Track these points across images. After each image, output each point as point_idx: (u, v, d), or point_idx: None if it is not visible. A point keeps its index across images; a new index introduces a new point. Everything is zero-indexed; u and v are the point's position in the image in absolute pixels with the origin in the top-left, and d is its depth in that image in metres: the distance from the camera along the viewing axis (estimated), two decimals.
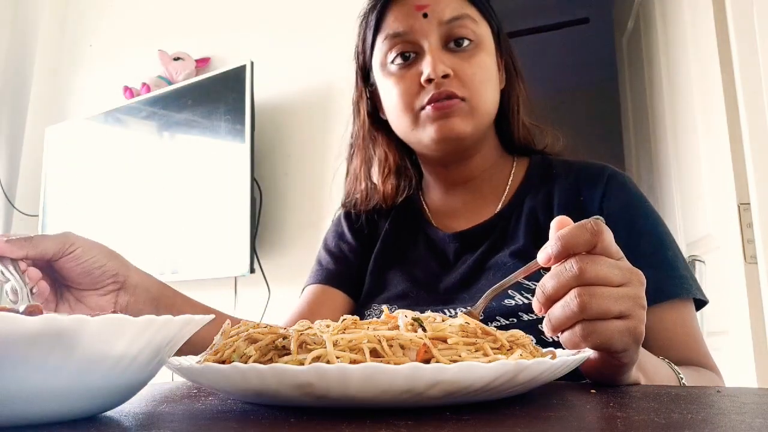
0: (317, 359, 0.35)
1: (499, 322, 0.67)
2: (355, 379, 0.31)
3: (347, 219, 0.90)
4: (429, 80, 0.72)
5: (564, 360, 0.38)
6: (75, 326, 0.29)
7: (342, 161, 0.91)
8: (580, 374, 0.47)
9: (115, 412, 0.36)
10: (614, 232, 0.44)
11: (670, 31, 1.81)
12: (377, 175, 0.87)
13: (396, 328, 0.40)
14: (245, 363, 0.34)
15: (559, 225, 0.44)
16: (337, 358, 0.35)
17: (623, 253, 0.45)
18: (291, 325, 0.51)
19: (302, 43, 2.03)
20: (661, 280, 0.66)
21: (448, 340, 0.38)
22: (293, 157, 1.99)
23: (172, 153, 2.09)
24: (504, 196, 0.81)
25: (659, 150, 1.98)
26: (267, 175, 1.99)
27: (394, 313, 0.43)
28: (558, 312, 0.42)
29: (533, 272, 0.47)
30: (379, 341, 0.36)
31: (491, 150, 0.83)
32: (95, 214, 2.23)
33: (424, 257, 0.81)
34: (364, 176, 0.87)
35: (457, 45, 0.74)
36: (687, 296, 0.67)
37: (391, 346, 0.36)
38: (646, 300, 0.44)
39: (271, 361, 0.37)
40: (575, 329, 0.42)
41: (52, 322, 0.28)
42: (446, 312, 0.69)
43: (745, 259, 1.32)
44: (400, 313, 0.41)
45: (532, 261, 0.46)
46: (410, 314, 0.41)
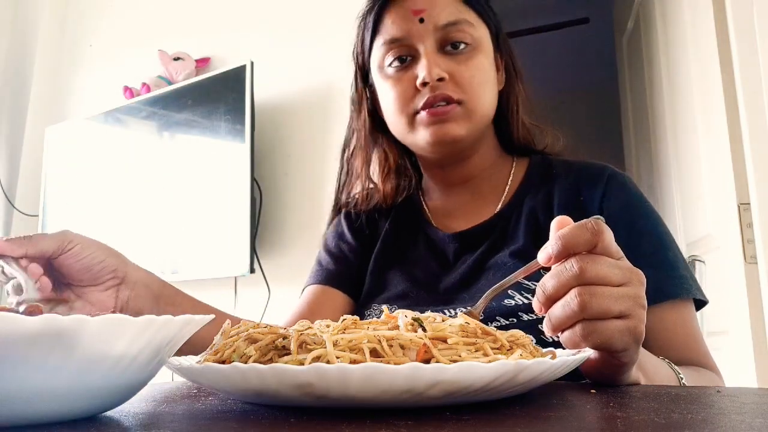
0: (317, 359, 0.35)
1: (499, 322, 0.67)
2: (355, 379, 0.31)
3: (347, 219, 0.90)
4: (424, 84, 0.72)
5: (564, 360, 0.38)
6: (75, 326, 0.29)
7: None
8: (580, 374, 0.47)
9: (115, 412, 0.36)
10: (614, 232, 0.44)
11: (670, 31, 1.81)
12: (377, 174, 0.87)
13: (396, 328, 0.40)
14: (245, 363, 0.34)
15: (559, 225, 0.45)
16: (337, 358, 0.35)
17: (623, 253, 0.45)
18: (291, 325, 0.51)
19: (302, 43, 2.03)
20: (661, 280, 0.66)
21: (448, 340, 0.38)
22: (293, 157, 1.99)
23: (172, 153, 2.09)
24: (504, 196, 0.81)
25: (659, 150, 1.98)
26: (267, 175, 1.99)
27: (394, 313, 0.43)
28: (558, 311, 0.42)
29: (533, 272, 0.47)
30: (379, 341, 0.36)
31: (490, 150, 0.83)
32: (95, 214, 2.23)
33: (424, 257, 0.81)
34: (365, 176, 0.87)
35: (453, 48, 0.74)
36: (687, 296, 0.67)
37: (391, 346, 0.36)
38: (646, 300, 0.44)
39: (271, 361, 0.37)
40: (575, 329, 0.42)
41: (52, 322, 0.28)
42: (446, 312, 0.69)
43: (745, 259, 1.32)
44: (400, 313, 0.41)
45: (532, 261, 0.46)
46: (410, 314, 0.41)
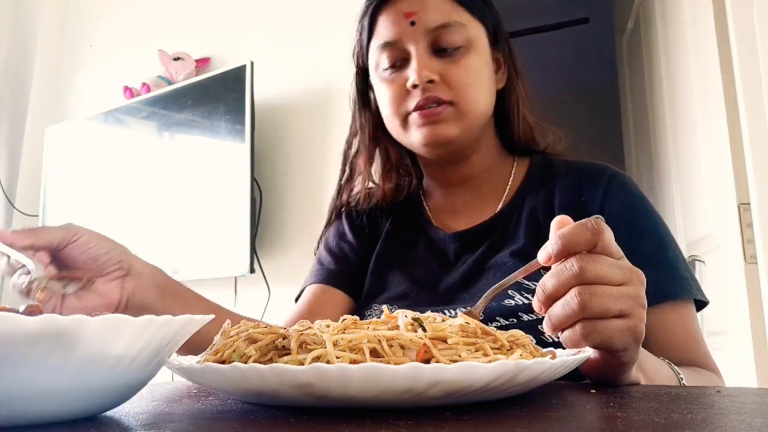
0: (317, 359, 0.35)
1: (499, 323, 0.67)
2: (355, 379, 0.31)
3: (348, 218, 0.90)
4: (414, 86, 0.73)
5: (564, 360, 0.38)
6: (75, 326, 0.29)
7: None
8: (580, 374, 0.47)
9: (115, 412, 0.36)
10: (615, 233, 0.45)
11: (670, 31, 1.81)
12: (379, 173, 0.87)
13: (396, 328, 0.40)
14: (245, 363, 0.34)
15: (559, 224, 0.45)
16: (337, 358, 0.35)
17: (624, 254, 0.45)
18: (291, 324, 0.51)
19: (302, 43, 2.03)
20: (662, 280, 0.66)
21: (448, 340, 0.38)
22: (293, 157, 1.99)
23: (172, 153, 2.09)
24: (504, 196, 0.81)
25: (659, 150, 1.98)
26: (267, 175, 1.99)
27: (394, 313, 0.43)
28: (558, 311, 0.42)
29: (533, 272, 0.47)
30: (379, 341, 0.36)
31: (490, 150, 0.83)
32: (95, 214, 2.23)
33: (425, 257, 0.81)
34: (367, 175, 0.87)
35: (444, 50, 0.74)
36: (687, 297, 0.67)
37: (391, 346, 0.36)
38: (646, 299, 0.44)
39: (271, 361, 0.37)
40: (575, 328, 0.42)
41: (52, 322, 0.28)
42: (446, 312, 0.69)
43: (745, 259, 1.32)
44: (400, 313, 0.41)
45: (532, 260, 0.46)
46: (410, 314, 0.41)
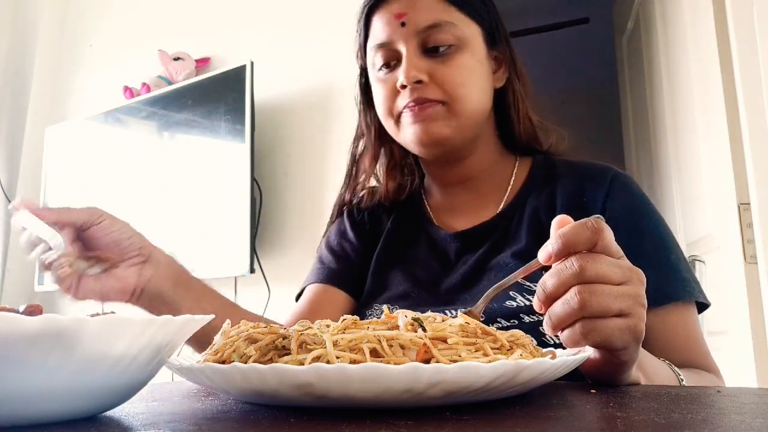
0: (317, 359, 0.35)
1: (500, 324, 0.67)
2: (355, 379, 0.31)
3: (350, 217, 0.90)
4: (403, 86, 0.73)
5: (564, 360, 0.38)
6: (75, 326, 0.29)
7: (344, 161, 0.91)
8: (580, 374, 0.47)
9: (115, 412, 0.36)
10: (617, 233, 0.45)
11: (670, 31, 1.81)
12: (383, 171, 0.87)
13: (396, 328, 0.40)
14: (245, 363, 0.34)
15: (559, 223, 0.45)
16: (337, 358, 0.35)
17: (625, 255, 0.45)
18: (292, 324, 0.51)
19: (302, 43, 2.03)
20: (664, 282, 0.66)
21: (448, 340, 0.38)
22: (293, 157, 1.99)
23: (172, 153, 2.09)
24: (506, 196, 0.80)
25: (659, 150, 1.98)
26: (267, 175, 1.99)
27: (394, 313, 0.43)
28: (558, 310, 0.42)
29: (534, 272, 0.47)
30: (379, 341, 0.36)
31: (489, 149, 0.82)
32: None
33: (426, 257, 0.81)
34: (371, 173, 0.87)
35: (435, 49, 0.74)
36: (689, 299, 0.67)
37: (391, 346, 0.36)
38: (646, 299, 0.44)
39: (271, 361, 0.37)
40: (575, 327, 0.42)
41: (52, 322, 0.28)
42: (447, 313, 0.69)
43: (745, 259, 1.32)
44: (400, 313, 0.41)
45: (533, 260, 0.46)
46: (410, 314, 0.41)
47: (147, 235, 0.67)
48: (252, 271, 1.79)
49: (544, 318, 0.44)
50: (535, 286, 0.45)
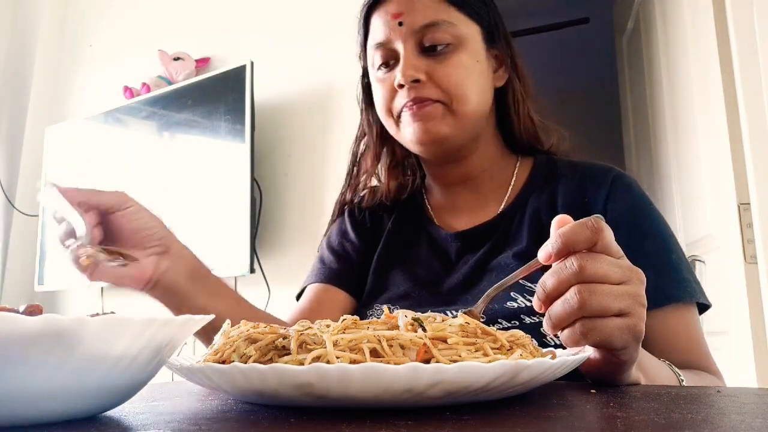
0: (317, 359, 0.35)
1: (501, 325, 0.67)
2: (355, 379, 0.31)
3: (351, 217, 0.90)
4: (401, 86, 0.73)
5: (564, 360, 0.38)
6: (75, 326, 0.29)
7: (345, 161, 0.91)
8: (580, 374, 0.47)
9: (115, 412, 0.36)
10: (618, 234, 0.45)
11: (670, 31, 1.81)
12: (385, 170, 0.87)
13: (396, 328, 0.40)
14: (245, 363, 0.34)
15: (559, 223, 0.45)
16: (337, 358, 0.35)
17: (627, 255, 0.45)
18: (293, 324, 0.51)
19: (302, 43, 2.03)
20: (665, 283, 0.66)
21: (448, 340, 0.38)
22: (293, 157, 1.99)
23: (172, 153, 2.09)
24: (507, 196, 0.80)
25: (659, 150, 1.98)
26: (267, 175, 1.99)
27: (394, 313, 0.43)
28: (558, 309, 0.42)
29: (535, 272, 0.47)
30: (379, 341, 0.36)
31: (490, 149, 0.82)
32: None
33: (427, 257, 0.81)
34: (373, 173, 0.87)
35: (434, 49, 0.74)
36: (690, 300, 0.67)
37: (391, 346, 0.36)
38: (646, 299, 0.44)
39: (271, 361, 0.37)
40: (575, 326, 0.42)
41: (52, 322, 0.28)
42: (448, 313, 0.69)
43: (745, 259, 1.32)
44: (400, 313, 0.41)
45: (533, 259, 0.46)
46: (410, 314, 0.41)
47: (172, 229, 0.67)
48: (252, 271, 1.79)
49: (544, 318, 0.44)
50: (536, 286, 0.45)
